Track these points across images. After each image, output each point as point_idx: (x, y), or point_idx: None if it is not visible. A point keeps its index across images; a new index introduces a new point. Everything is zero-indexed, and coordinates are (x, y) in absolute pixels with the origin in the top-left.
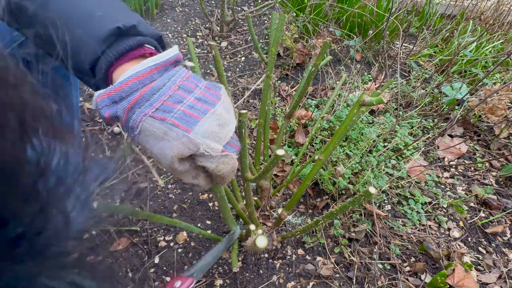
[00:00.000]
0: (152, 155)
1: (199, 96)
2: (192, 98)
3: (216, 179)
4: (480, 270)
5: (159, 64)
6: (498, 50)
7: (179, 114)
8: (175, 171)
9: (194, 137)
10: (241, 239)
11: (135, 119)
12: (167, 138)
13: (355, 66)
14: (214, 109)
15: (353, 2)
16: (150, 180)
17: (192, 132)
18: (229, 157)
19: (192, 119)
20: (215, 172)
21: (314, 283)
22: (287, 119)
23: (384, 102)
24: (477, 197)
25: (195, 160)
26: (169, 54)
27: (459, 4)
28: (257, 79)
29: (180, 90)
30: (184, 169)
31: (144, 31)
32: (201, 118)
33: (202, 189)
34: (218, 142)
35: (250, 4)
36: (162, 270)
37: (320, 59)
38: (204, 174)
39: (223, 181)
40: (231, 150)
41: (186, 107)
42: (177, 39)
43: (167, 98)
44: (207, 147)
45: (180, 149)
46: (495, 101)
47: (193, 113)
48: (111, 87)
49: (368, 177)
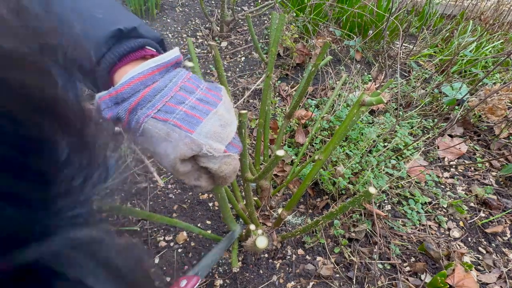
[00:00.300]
0: (154, 156)
1: (201, 97)
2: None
3: (218, 180)
4: (480, 270)
5: (160, 65)
6: (498, 50)
7: (181, 115)
8: (178, 172)
9: (196, 137)
10: (241, 239)
11: (137, 120)
12: (169, 139)
13: (355, 66)
14: (216, 109)
15: (353, 2)
16: (150, 180)
17: (195, 133)
18: (231, 158)
19: (194, 120)
20: (217, 173)
21: (314, 283)
22: (287, 119)
23: (384, 102)
24: (477, 197)
25: (197, 161)
26: (170, 56)
27: (459, 4)
28: (257, 79)
29: (182, 91)
30: (187, 170)
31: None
32: (203, 118)
33: (204, 190)
34: (221, 142)
35: (250, 4)
36: (162, 270)
37: (320, 59)
38: (206, 176)
39: (225, 182)
40: (233, 151)
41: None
42: (177, 39)
43: (169, 99)
44: (209, 147)
45: (183, 150)
46: (495, 101)
47: (195, 114)
48: (113, 89)
49: (368, 177)
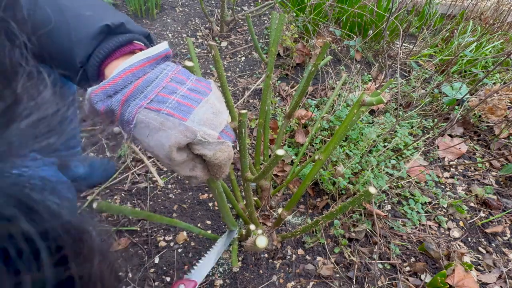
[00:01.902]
0: (149, 148)
1: (191, 87)
2: (185, 89)
3: (213, 169)
4: (480, 270)
5: (150, 57)
6: (498, 50)
7: (174, 104)
8: (173, 161)
9: (190, 125)
10: (241, 239)
11: (131, 111)
12: (163, 128)
13: (355, 66)
14: (207, 98)
15: (353, 2)
16: (150, 180)
17: (188, 120)
18: (225, 145)
19: (187, 108)
20: (212, 160)
21: (314, 283)
22: (287, 119)
23: (384, 102)
24: (477, 197)
25: (192, 149)
26: (159, 49)
27: (459, 4)
28: (257, 79)
29: (173, 82)
30: (182, 160)
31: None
32: (195, 107)
33: (199, 181)
34: (214, 129)
35: (250, 4)
36: (162, 270)
37: (320, 59)
38: (201, 165)
39: (220, 171)
40: (227, 139)
41: (180, 97)
42: (177, 39)
43: (160, 89)
44: (204, 133)
45: (178, 138)
46: (495, 101)
47: (188, 103)
48: (105, 82)
49: (368, 177)
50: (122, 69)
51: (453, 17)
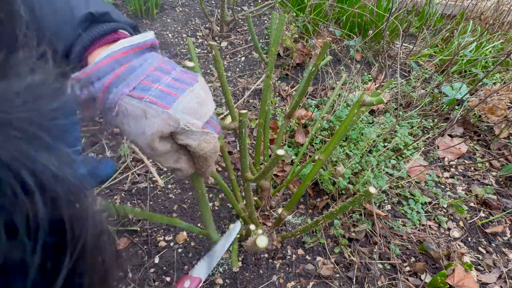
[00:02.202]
0: (131, 136)
1: (177, 77)
2: (170, 78)
3: (198, 161)
4: (480, 270)
5: (134, 45)
6: (498, 50)
7: (157, 92)
8: (156, 151)
9: (173, 113)
10: (241, 239)
11: (113, 98)
12: (146, 116)
13: (355, 66)
14: (192, 88)
15: (353, 2)
16: (150, 180)
17: (171, 109)
18: (210, 135)
19: (170, 97)
20: (197, 150)
21: (314, 283)
22: (287, 119)
23: (384, 102)
24: (477, 197)
25: (176, 139)
26: (145, 37)
27: (459, 4)
28: (257, 79)
29: (157, 71)
30: (165, 150)
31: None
32: (179, 95)
33: (184, 174)
34: (198, 119)
35: (250, 4)
36: (162, 270)
37: (320, 59)
38: (186, 157)
39: (206, 164)
40: (211, 130)
41: (163, 86)
42: (177, 39)
43: (144, 77)
44: (187, 122)
45: (160, 126)
46: (495, 101)
47: (171, 91)
48: (87, 67)
49: (368, 177)
50: (105, 55)
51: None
